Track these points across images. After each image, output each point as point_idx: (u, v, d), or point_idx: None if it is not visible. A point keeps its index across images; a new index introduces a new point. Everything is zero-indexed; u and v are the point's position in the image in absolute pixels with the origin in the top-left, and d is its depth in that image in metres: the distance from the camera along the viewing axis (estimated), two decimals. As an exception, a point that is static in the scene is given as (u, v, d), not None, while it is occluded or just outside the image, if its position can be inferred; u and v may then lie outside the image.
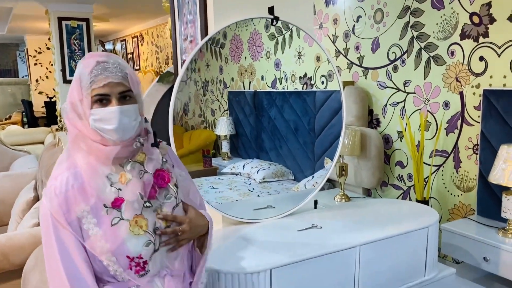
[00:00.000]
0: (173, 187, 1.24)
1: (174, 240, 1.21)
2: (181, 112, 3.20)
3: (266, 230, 1.86)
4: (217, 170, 3.07)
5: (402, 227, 1.86)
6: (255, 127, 3.25)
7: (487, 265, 2.28)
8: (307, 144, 3.19)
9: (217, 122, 3.15)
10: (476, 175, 2.67)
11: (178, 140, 3.24)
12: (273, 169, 3.12)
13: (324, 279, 1.65)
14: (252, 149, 3.23)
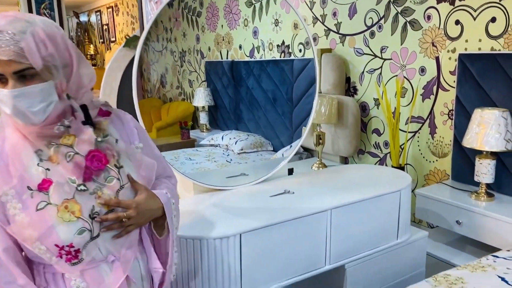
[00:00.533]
0: (114, 168, 1.11)
1: (119, 226, 1.10)
2: (158, 84, 3.12)
3: (238, 196, 1.84)
4: (195, 142, 3.03)
5: (374, 190, 1.85)
6: (234, 98, 3.20)
7: (459, 228, 2.31)
8: (285, 114, 3.16)
9: (194, 93, 3.09)
10: (451, 140, 2.68)
11: (155, 113, 3.18)
12: (252, 140, 3.09)
13: (294, 243, 1.65)
14: (231, 121, 3.18)
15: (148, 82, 3.06)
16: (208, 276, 1.49)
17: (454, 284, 1.67)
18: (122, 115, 1.23)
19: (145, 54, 2.96)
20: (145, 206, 1.14)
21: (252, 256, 1.55)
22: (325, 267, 1.75)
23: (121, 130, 1.19)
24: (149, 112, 3.05)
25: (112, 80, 1.98)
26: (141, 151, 1.21)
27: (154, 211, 1.17)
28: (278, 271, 1.63)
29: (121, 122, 1.21)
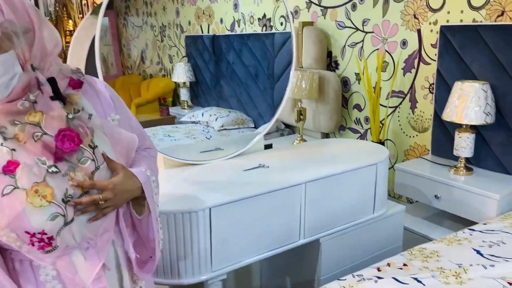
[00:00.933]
0: (88, 148, 1.00)
1: (95, 209, 1.01)
2: (138, 60, 3.02)
3: (210, 171, 1.79)
4: (175, 119, 2.95)
5: (350, 164, 1.81)
6: (215, 73, 3.12)
7: (438, 203, 2.30)
8: (266, 89, 3.09)
9: (174, 69, 3.00)
10: (431, 115, 2.65)
11: (135, 90, 3.09)
12: (233, 117, 3.02)
13: (268, 218, 1.60)
14: (212, 97, 3.11)
15: (128, 58, 2.97)
16: (177, 252, 1.45)
17: (429, 258, 1.65)
18: (95, 84, 1.11)
19: (124, 29, 2.86)
20: (123, 186, 1.05)
21: (223, 231, 1.51)
22: (299, 241, 1.72)
23: (95, 103, 1.07)
24: (129, 89, 2.96)
25: (80, 49, 1.88)
26: (118, 123, 1.11)
27: (133, 191, 1.09)
28: (250, 246, 1.59)
29: (95, 92, 1.09)
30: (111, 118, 1.10)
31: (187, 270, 1.47)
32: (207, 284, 1.54)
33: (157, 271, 1.47)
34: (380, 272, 1.58)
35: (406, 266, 1.60)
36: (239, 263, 1.58)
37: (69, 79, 1.04)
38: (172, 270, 1.46)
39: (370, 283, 1.49)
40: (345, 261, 1.89)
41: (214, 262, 1.51)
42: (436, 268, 1.58)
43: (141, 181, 1.10)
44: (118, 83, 2.83)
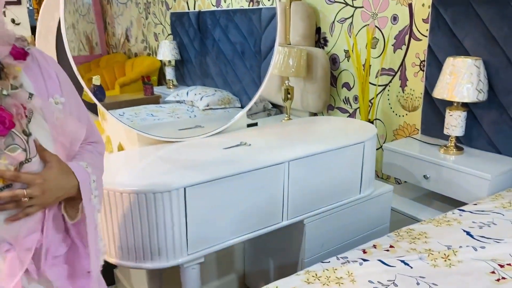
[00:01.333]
0: (21, 135, 0.84)
1: (15, 206, 0.85)
2: (123, 39, 2.90)
3: (188, 149, 1.69)
4: (160, 98, 2.84)
5: (336, 142, 1.72)
6: (200, 51, 3.00)
7: (427, 183, 2.23)
8: (253, 67, 2.98)
9: (159, 47, 2.87)
10: (421, 93, 2.57)
11: (119, 69, 2.95)
12: (219, 96, 2.91)
13: (248, 198, 1.51)
14: (198, 76, 3.00)
15: (112, 36, 2.85)
16: (149, 234, 1.35)
17: (417, 239, 1.58)
18: (42, 59, 0.94)
19: (108, 6, 2.72)
20: (54, 183, 0.88)
21: (200, 212, 1.41)
22: (283, 223, 1.64)
23: (38, 81, 0.91)
24: (113, 68, 2.85)
25: (49, 19, 1.75)
26: (62, 107, 0.93)
27: (67, 190, 0.92)
28: (230, 228, 1.50)
29: (40, 69, 0.93)
30: (54, 100, 0.92)
31: (161, 253, 1.38)
32: (183, 268, 1.45)
33: (128, 255, 1.38)
34: (365, 254, 1.50)
35: (393, 248, 1.53)
36: (218, 245, 1.49)
37: (11, 46, 0.87)
38: (145, 253, 1.37)
39: (355, 265, 1.42)
40: (330, 243, 1.82)
41: (190, 244, 1.42)
42: (424, 250, 1.50)
43: (78, 179, 0.94)
44: (102, 62, 2.73)
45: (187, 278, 1.47)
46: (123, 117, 2.05)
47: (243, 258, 2.16)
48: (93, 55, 2.72)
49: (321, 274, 1.39)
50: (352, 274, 1.38)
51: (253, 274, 2.15)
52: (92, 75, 2.18)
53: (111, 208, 1.34)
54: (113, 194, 1.32)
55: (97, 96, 2.13)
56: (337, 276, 1.38)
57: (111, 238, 1.39)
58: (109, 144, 1.94)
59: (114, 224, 1.36)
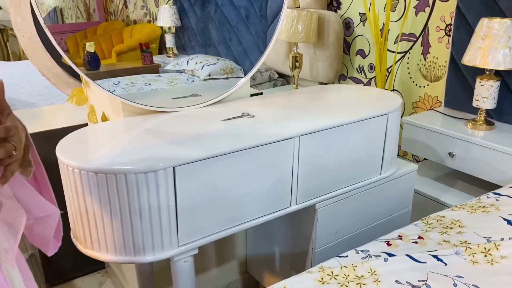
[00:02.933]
0: None
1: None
2: (121, 5, 2.65)
3: (181, 120, 1.44)
4: (160, 67, 2.59)
5: (355, 114, 1.46)
6: (201, 17, 2.73)
7: (451, 161, 1.98)
8: (258, 34, 2.71)
9: (158, 12, 2.61)
10: (446, 61, 2.29)
11: (117, 37, 2.70)
12: (221, 65, 2.65)
13: (251, 179, 1.27)
14: (199, 44, 2.74)
15: (111, 3, 2.60)
16: (131, 223, 1.12)
17: (449, 229, 1.34)
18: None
19: None
20: (20, 132, 0.74)
21: (192, 195, 1.17)
22: (291, 208, 1.40)
23: None
24: (110, 36, 2.62)
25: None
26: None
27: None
28: (228, 215, 1.27)
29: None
30: None
31: (146, 245, 1.15)
32: (173, 261, 1.22)
33: (106, 247, 1.15)
34: (390, 247, 1.27)
35: (422, 240, 1.29)
36: (214, 235, 1.26)
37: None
38: (126, 246, 1.14)
39: (379, 262, 1.18)
40: (345, 230, 1.58)
41: (180, 235, 1.19)
42: (459, 242, 1.27)
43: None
44: (99, 29, 2.50)
45: (178, 272, 1.24)
46: (117, 86, 1.83)
47: (245, 244, 1.94)
48: (90, 22, 2.51)
49: (338, 272, 1.16)
50: (375, 273, 1.15)
51: (255, 261, 1.93)
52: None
53: (85, 192, 1.11)
54: (86, 175, 1.08)
55: (90, 63, 1.89)
56: (357, 275, 1.15)
57: (86, 227, 1.16)
58: (93, 115, 1.70)
59: (89, 211, 1.12)
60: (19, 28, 1.70)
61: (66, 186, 1.17)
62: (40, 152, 1.66)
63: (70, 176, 1.12)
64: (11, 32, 5.13)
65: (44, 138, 1.84)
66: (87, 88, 1.73)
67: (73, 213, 1.18)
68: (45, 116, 2.11)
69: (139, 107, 1.42)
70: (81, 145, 1.25)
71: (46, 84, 3.14)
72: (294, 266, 1.67)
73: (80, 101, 1.72)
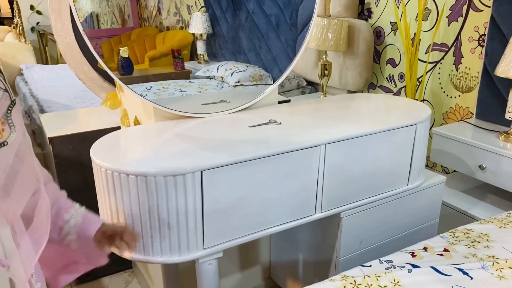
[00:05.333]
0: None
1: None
2: (154, 11, 2.75)
3: (210, 125, 1.47)
4: (191, 73, 2.66)
5: (383, 123, 1.46)
6: (233, 24, 2.79)
7: (482, 174, 1.94)
8: (288, 42, 2.74)
9: (191, 20, 2.69)
10: (479, 72, 2.25)
11: (150, 42, 2.79)
12: (251, 72, 2.70)
13: (276, 185, 1.29)
14: (229, 51, 2.79)
15: (145, 9, 2.69)
16: (159, 225, 1.16)
17: (476, 242, 1.32)
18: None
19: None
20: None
21: (219, 199, 1.20)
22: (316, 215, 1.41)
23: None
24: (144, 42, 2.71)
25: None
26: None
27: None
28: (253, 219, 1.29)
29: None
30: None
31: (173, 246, 1.18)
32: (198, 263, 1.25)
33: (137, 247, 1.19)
34: (414, 258, 1.26)
35: (448, 252, 1.28)
36: (239, 239, 1.28)
37: None
38: (154, 246, 1.18)
39: (402, 273, 1.18)
40: (370, 240, 1.58)
41: (206, 237, 1.22)
42: (487, 256, 1.25)
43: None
44: (133, 35, 2.59)
45: (202, 274, 1.27)
46: (149, 91, 1.89)
47: (269, 249, 1.95)
48: (124, 28, 2.60)
49: (360, 281, 1.16)
50: (398, 283, 1.15)
51: (279, 267, 1.95)
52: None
53: (116, 193, 1.15)
54: (118, 176, 1.13)
55: (124, 68, 1.96)
56: (380, 285, 1.15)
57: (116, 226, 1.20)
58: (126, 118, 1.76)
59: (120, 211, 1.17)
60: (59, 34, 1.78)
61: (98, 186, 1.22)
62: (74, 153, 1.74)
63: (103, 177, 1.16)
64: (50, 37, 5.33)
65: (78, 140, 1.92)
66: (120, 92, 1.79)
67: (105, 213, 1.23)
68: (79, 118, 2.19)
69: (170, 112, 1.47)
70: (114, 147, 1.30)
71: (82, 87, 3.25)
72: (317, 274, 1.68)
73: (113, 105, 1.78)
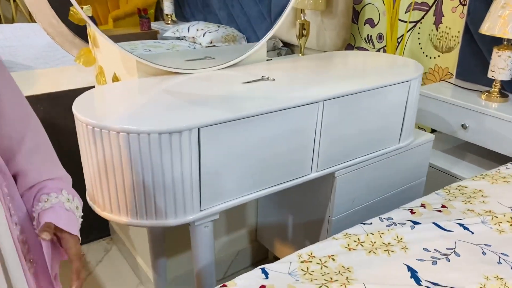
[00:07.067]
0: None
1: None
2: None
3: (200, 82, 1.38)
4: (158, 34, 2.50)
5: (378, 79, 1.42)
6: (202, -19, 2.62)
7: (464, 133, 1.96)
8: (262, 1, 2.62)
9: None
10: (459, 31, 2.24)
11: (113, 1, 2.60)
12: (223, 32, 2.57)
13: (274, 143, 1.23)
14: (199, 10, 2.64)
15: None
16: (154, 186, 1.08)
17: (472, 198, 1.32)
18: None
19: None
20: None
21: (216, 158, 1.13)
22: (311, 175, 1.37)
23: None
24: (106, 1, 2.51)
25: None
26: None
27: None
28: (250, 180, 1.23)
29: None
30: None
31: (168, 209, 1.11)
32: (193, 226, 1.19)
33: (127, 210, 1.11)
34: (414, 215, 1.25)
35: (446, 209, 1.27)
36: (235, 200, 1.22)
37: None
38: (148, 209, 1.10)
39: (405, 230, 1.16)
40: (360, 200, 1.56)
41: (203, 199, 1.15)
42: (484, 211, 1.25)
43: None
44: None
45: (198, 238, 1.21)
46: (117, 49, 1.76)
47: (255, 212, 1.91)
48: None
49: (364, 238, 1.13)
50: (402, 240, 1.13)
51: (266, 229, 1.91)
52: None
53: (105, 153, 1.05)
54: (107, 134, 1.03)
55: (87, 29, 1.82)
56: (384, 242, 1.12)
57: (105, 189, 1.11)
58: (101, 76, 1.63)
59: (109, 172, 1.07)
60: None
61: (83, 146, 1.11)
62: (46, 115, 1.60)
63: (89, 135, 1.06)
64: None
65: (49, 100, 1.77)
66: (95, 48, 1.65)
67: (91, 175, 1.13)
68: (48, 78, 2.03)
69: (155, 67, 1.36)
70: (100, 104, 1.19)
71: (43, 48, 3.03)
72: (308, 234, 1.65)
73: (87, 62, 1.64)
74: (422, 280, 1.00)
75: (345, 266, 1.04)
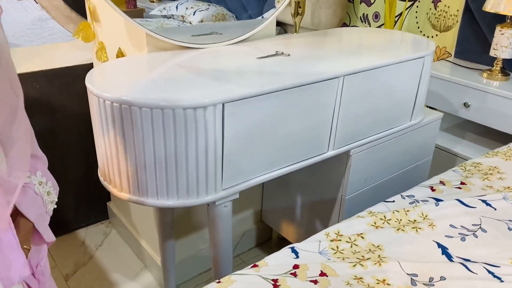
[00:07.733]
0: None
1: None
2: None
3: (213, 57, 1.32)
4: (144, 12, 2.39)
5: (394, 56, 1.39)
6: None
7: (466, 112, 1.96)
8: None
9: None
10: (458, 10, 2.23)
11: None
12: (213, 11, 2.48)
13: (293, 121, 1.19)
14: (187, -13, 2.54)
15: None
16: (175, 164, 1.03)
17: (489, 174, 1.32)
18: None
19: None
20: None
21: (238, 135, 1.09)
22: (328, 153, 1.34)
23: None
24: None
25: None
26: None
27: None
28: (270, 158, 1.19)
29: None
30: None
31: (191, 188, 1.06)
32: (213, 206, 1.15)
33: (147, 189, 1.06)
34: (434, 192, 1.24)
35: (465, 185, 1.27)
36: (256, 179, 1.18)
37: None
38: (169, 188, 1.05)
39: (430, 207, 1.15)
40: (372, 179, 1.55)
41: (225, 177, 1.11)
42: (503, 188, 1.25)
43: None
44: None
45: (217, 218, 1.17)
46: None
47: (261, 193, 1.88)
48: None
49: (390, 216, 1.12)
50: (427, 217, 1.12)
51: (271, 210, 1.89)
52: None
53: (125, 130, 0.99)
54: (128, 109, 0.97)
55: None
56: (410, 219, 1.11)
57: (123, 168, 1.05)
58: (102, 52, 1.55)
59: (129, 150, 1.02)
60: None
61: (98, 122, 1.05)
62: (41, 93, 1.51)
63: (106, 111, 1.00)
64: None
65: (46, 78, 1.68)
66: (95, 23, 1.57)
67: (106, 152, 1.07)
68: (42, 54, 1.92)
69: (166, 41, 1.29)
70: (116, 78, 1.12)
71: (28, 25, 2.89)
72: (318, 214, 1.63)
73: (87, 37, 1.56)
74: (453, 256, 0.99)
75: (375, 244, 1.02)
